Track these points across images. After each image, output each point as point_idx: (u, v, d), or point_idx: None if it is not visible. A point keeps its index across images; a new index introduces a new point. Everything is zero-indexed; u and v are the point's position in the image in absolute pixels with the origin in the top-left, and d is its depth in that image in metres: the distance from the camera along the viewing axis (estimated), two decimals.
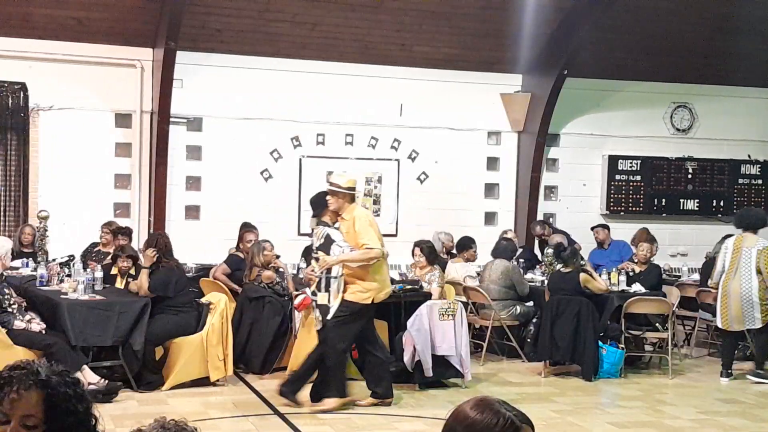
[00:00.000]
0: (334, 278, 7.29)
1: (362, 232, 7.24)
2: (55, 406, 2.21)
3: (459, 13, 11.93)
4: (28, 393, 2.19)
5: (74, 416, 2.25)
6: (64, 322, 7.65)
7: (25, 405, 2.19)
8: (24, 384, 2.20)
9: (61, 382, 2.24)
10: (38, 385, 2.20)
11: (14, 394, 2.19)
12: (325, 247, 7.33)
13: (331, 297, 7.29)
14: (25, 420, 2.18)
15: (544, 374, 9.16)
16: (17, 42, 10.89)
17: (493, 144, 13.17)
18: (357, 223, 7.27)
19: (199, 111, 11.78)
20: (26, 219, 10.94)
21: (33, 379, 2.21)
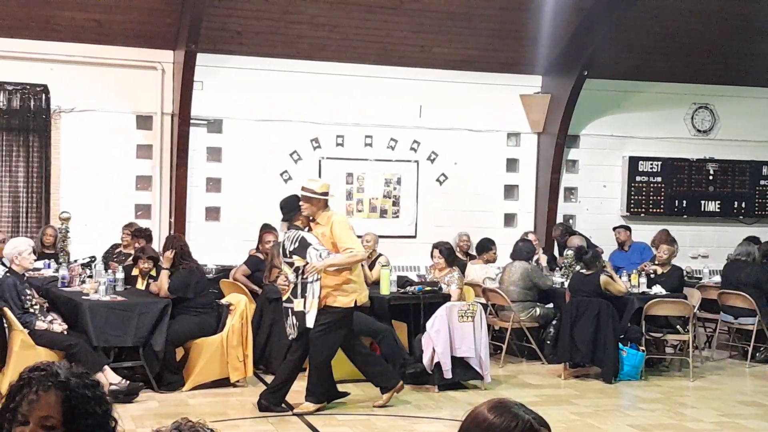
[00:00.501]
0: (309, 283, 7.17)
1: (343, 237, 7.19)
2: (73, 407, 2.22)
3: (478, 15, 11.91)
4: (46, 394, 2.20)
5: (93, 418, 2.25)
6: (85, 323, 7.70)
7: (44, 406, 2.20)
8: (43, 385, 2.21)
9: (80, 384, 2.25)
10: (57, 387, 2.21)
11: (33, 395, 2.20)
12: (301, 250, 7.17)
13: (307, 303, 7.17)
14: (44, 421, 2.19)
15: (564, 376, 9.13)
16: (39, 44, 10.97)
17: (512, 145, 13.14)
18: (336, 228, 7.20)
19: (219, 113, 11.83)
20: (48, 220, 11.02)
21: (52, 380, 2.22)
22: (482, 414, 2.15)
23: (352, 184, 12.43)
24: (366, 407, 7.64)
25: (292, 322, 7.26)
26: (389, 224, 12.49)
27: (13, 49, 10.90)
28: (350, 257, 7.19)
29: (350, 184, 12.42)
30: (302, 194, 7.29)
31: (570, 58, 12.42)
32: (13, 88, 11.00)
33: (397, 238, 12.34)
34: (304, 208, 7.29)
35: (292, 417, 7.26)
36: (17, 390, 2.24)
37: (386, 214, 12.57)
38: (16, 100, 11.02)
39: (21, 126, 11.07)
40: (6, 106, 10.98)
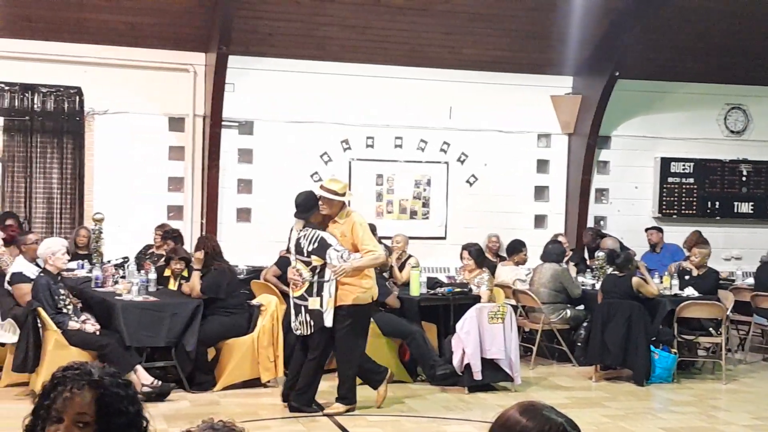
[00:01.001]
0: (326, 282, 7.15)
1: (365, 239, 7.17)
2: (106, 406, 2.25)
3: (508, 15, 11.89)
4: (81, 393, 2.24)
5: (125, 417, 2.28)
6: (118, 323, 7.78)
7: (78, 404, 2.23)
8: (77, 384, 2.25)
9: (113, 383, 2.28)
10: (91, 385, 2.25)
11: (67, 393, 2.24)
12: (320, 251, 7.10)
13: (324, 302, 7.15)
14: (78, 418, 2.22)
15: (595, 379, 9.09)
16: (72, 47, 11.10)
17: (543, 146, 13.10)
18: (358, 229, 7.18)
19: (250, 114, 11.90)
20: (81, 221, 11.15)
21: (86, 379, 2.26)
22: (514, 417, 2.14)
23: (382, 186, 12.45)
24: (396, 408, 7.65)
25: (305, 320, 7.22)
26: (419, 225, 12.49)
27: (47, 51, 11.03)
28: (373, 260, 7.19)
29: (380, 185, 12.45)
30: (322, 195, 7.22)
31: (601, 59, 12.36)
32: (47, 91, 11.13)
33: (427, 239, 12.34)
34: (324, 208, 7.24)
35: (322, 417, 7.28)
36: (51, 388, 2.27)
37: (416, 216, 12.58)
38: (50, 103, 11.16)
39: (55, 128, 11.20)
40: (40, 108, 11.12)
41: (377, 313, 8.65)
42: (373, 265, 7.31)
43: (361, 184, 12.31)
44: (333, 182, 7.41)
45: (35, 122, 11.12)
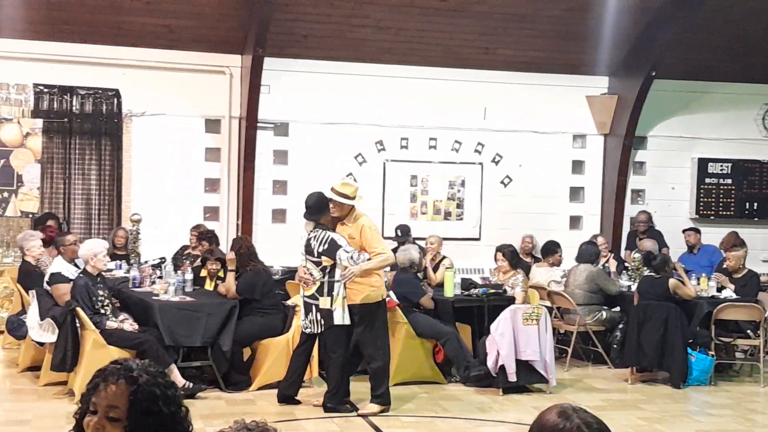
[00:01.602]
0: (337, 282, 7.19)
1: (374, 242, 7.25)
2: (139, 402, 2.27)
3: (543, 16, 11.84)
4: (115, 386, 2.28)
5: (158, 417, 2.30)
6: (155, 323, 7.86)
7: (111, 397, 2.27)
8: (114, 377, 2.30)
9: (150, 381, 2.31)
10: (126, 380, 2.29)
11: (103, 386, 2.29)
12: (330, 252, 7.14)
13: (334, 301, 7.19)
14: (109, 411, 2.26)
15: (631, 381, 9.03)
16: (111, 50, 11.23)
17: (578, 147, 13.04)
18: (367, 232, 7.25)
19: (286, 116, 11.97)
20: (119, 222, 11.27)
21: (124, 374, 2.30)
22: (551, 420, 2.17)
23: (416, 187, 12.47)
24: (430, 409, 7.65)
25: (316, 318, 7.27)
26: (453, 226, 12.49)
27: (86, 54, 11.17)
28: (382, 261, 7.27)
29: (414, 186, 12.46)
30: (333, 198, 7.29)
31: (637, 59, 12.27)
32: (86, 93, 11.28)
33: (461, 240, 12.33)
34: (334, 210, 7.30)
35: (357, 418, 7.31)
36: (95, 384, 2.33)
37: (450, 217, 12.58)
38: (88, 105, 11.30)
39: (93, 130, 11.34)
40: (79, 110, 11.26)
41: (411, 314, 8.68)
42: (382, 267, 7.39)
43: (396, 185, 12.34)
44: (345, 186, 7.46)
45: (74, 124, 11.26)
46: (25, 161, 11.17)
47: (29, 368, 8.62)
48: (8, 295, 10.69)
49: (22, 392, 7.97)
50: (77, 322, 7.67)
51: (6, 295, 10.83)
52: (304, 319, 7.41)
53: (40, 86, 11.12)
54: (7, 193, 11.12)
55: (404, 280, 8.95)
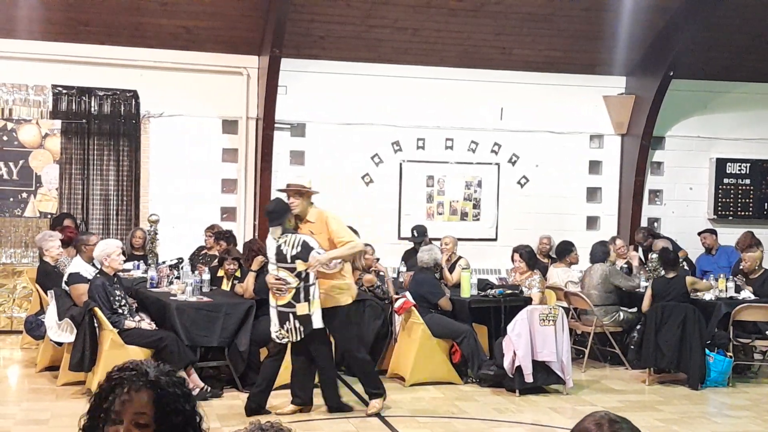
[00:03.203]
0: (311, 285, 7.08)
1: (340, 231, 7.21)
2: (164, 405, 2.29)
3: (560, 16, 11.82)
4: (138, 394, 2.28)
5: (182, 415, 2.32)
6: (173, 323, 7.89)
7: (137, 405, 2.27)
8: (135, 385, 2.29)
9: (169, 382, 2.32)
10: (148, 386, 2.29)
11: (125, 395, 2.28)
12: (303, 254, 7.04)
13: (311, 306, 7.07)
14: (137, 419, 2.27)
15: (648, 382, 8.99)
16: (129, 51, 11.29)
17: (595, 147, 13.00)
18: (332, 222, 7.22)
19: (303, 117, 12.00)
20: (137, 222, 11.33)
21: (143, 380, 2.30)
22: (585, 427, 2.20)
23: (433, 187, 12.47)
24: (447, 410, 7.65)
25: (294, 326, 7.10)
26: (470, 227, 12.48)
27: (104, 55, 11.24)
28: (351, 248, 7.22)
29: (431, 186, 12.46)
30: (294, 189, 7.27)
31: (655, 59, 12.23)
32: (104, 94, 11.34)
33: (478, 241, 12.33)
34: (295, 204, 7.23)
35: (373, 418, 7.32)
36: (109, 390, 2.31)
37: (467, 217, 12.57)
38: (107, 106, 11.36)
39: (112, 131, 11.41)
40: (97, 111, 11.33)
41: (428, 315, 8.68)
42: (352, 255, 7.36)
43: (412, 185, 12.35)
44: (300, 177, 7.53)
45: (92, 125, 11.33)
46: (43, 162, 11.24)
47: (47, 368, 8.68)
48: (27, 295, 10.77)
49: (41, 392, 8.02)
50: (95, 322, 7.71)
51: (25, 295, 10.91)
52: (279, 329, 7.17)
53: (59, 87, 11.19)
54: (26, 194, 11.20)
55: (424, 280, 8.94)
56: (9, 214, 11.14)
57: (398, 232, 12.17)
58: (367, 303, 9.05)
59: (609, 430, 2.16)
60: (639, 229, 12.20)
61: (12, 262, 11.15)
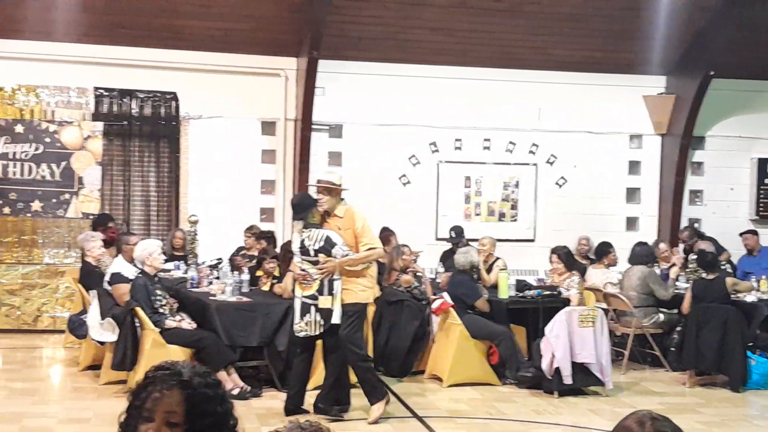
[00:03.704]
0: (336, 280, 7.09)
1: (365, 233, 7.18)
2: (195, 406, 2.30)
3: (598, 15, 11.75)
4: (170, 393, 2.30)
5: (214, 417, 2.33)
6: (213, 323, 7.96)
7: (168, 404, 2.29)
8: (167, 384, 2.31)
9: (202, 383, 2.33)
10: (180, 386, 2.30)
11: (157, 393, 2.30)
12: (326, 249, 7.07)
13: (334, 300, 7.09)
14: (168, 417, 2.29)
15: (689, 384, 8.91)
16: (169, 53, 11.41)
17: (635, 147, 12.91)
18: (359, 221, 7.20)
19: (340, 118, 12.04)
20: (177, 223, 11.45)
21: (176, 379, 2.32)
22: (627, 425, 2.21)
23: (470, 188, 12.45)
24: (485, 411, 7.64)
25: (314, 319, 7.12)
26: (507, 228, 12.45)
27: (145, 58, 11.37)
28: (368, 254, 7.18)
29: (468, 187, 12.44)
30: (323, 186, 7.27)
31: (695, 58, 12.11)
32: (144, 96, 11.47)
33: (515, 241, 12.29)
34: (324, 201, 7.23)
35: (412, 419, 7.33)
36: (143, 388, 2.34)
37: (504, 218, 12.54)
38: (147, 108, 11.49)
39: (152, 132, 11.54)
40: (138, 113, 11.46)
41: (466, 316, 8.67)
42: (368, 259, 7.25)
43: (449, 186, 12.34)
44: (330, 174, 7.54)
45: (133, 127, 11.47)
46: (85, 163, 11.39)
47: (90, 367, 8.79)
48: (69, 295, 10.92)
49: (83, 391, 8.13)
50: (137, 322, 7.80)
51: (67, 295, 11.07)
52: (299, 321, 7.19)
53: (101, 89, 11.34)
54: (69, 195, 11.35)
55: (461, 282, 8.94)
56: (51, 215, 11.30)
57: (435, 233, 12.17)
58: (404, 304, 9.07)
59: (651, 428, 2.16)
60: (685, 228, 12.09)
61: (55, 262, 11.31)
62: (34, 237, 11.29)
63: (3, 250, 11.21)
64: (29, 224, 11.29)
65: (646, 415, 2.21)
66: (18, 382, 8.37)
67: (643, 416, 2.20)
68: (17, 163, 11.17)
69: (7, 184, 11.16)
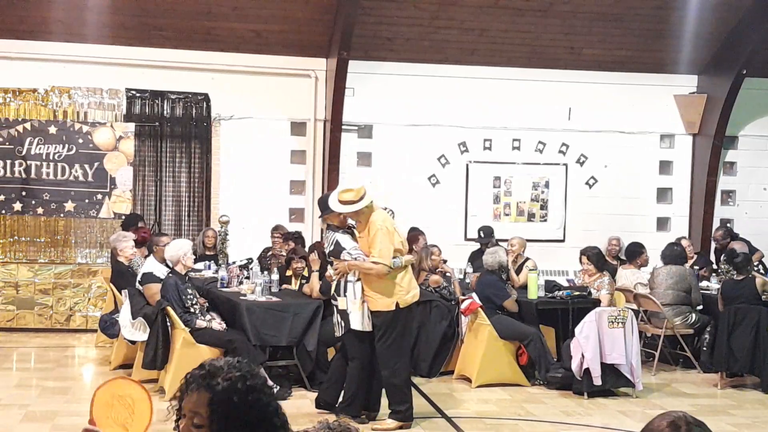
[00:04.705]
0: (350, 282, 7.01)
1: (375, 243, 6.87)
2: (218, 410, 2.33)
3: (629, 14, 11.68)
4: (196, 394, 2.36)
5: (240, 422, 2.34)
6: (243, 323, 8.01)
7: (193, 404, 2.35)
8: (196, 384, 2.37)
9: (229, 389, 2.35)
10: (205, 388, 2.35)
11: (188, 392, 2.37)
12: (335, 253, 7.04)
13: (349, 302, 7.01)
14: (193, 417, 2.35)
15: (720, 386, 8.83)
16: (201, 55, 11.51)
17: (666, 147, 12.81)
18: (371, 230, 6.90)
19: (370, 118, 12.07)
20: (208, 223, 11.53)
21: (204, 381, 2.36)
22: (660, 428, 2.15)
23: (500, 188, 12.42)
24: (514, 412, 7.63)
25: (338, 320, 7.13)
26: (537, 228, 12.41)
27: (177, 59, 11.47)
28: (369, 268, 6.87)
29: (497, 187, 12.42)
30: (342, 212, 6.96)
31: (727, 57, 12.00)
32: (176, 97, 11.57)
33: (545, 242, 12.25)
34: (352, 218, 7.09)
35: (440, 419, 7.33)
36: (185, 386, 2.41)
37: (534, 218, 12.50)
38: (179, 109, 11.59)
39: (184, 133, 11.64)
40: (170, 114, 11.56)
41: (494, 316, 8.66)
42: (368, 272, 6.90)
43: (479, 186, 12.33)
44: (345, 192, 7.00)
45: (165, 128, 11.58)
46: (118, 164, 11.51)
47: (121, 366, 8.88)
48: (101, 294, 11.04)
49: None
50: (168, 321, 7.86)
51: (99, 295, 11.19)
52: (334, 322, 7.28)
53: (133, 91, 11.45)
54: (101, 195, 11.47)
55: (489, 282, 8.93)
56: (84, 215, 11.43)
57: (464, 233, 12.16)
58: (433, 304, 9.07)
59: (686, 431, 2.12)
60: (718, 228, 11.99)
61: (87, 262, 11.44)
62: (67, 237, 11.44)
63: (36, 250, 11.36)
64: (62, 224, 11.42)
65: (681, 418, 2.15)
66: (51, 381, 8.48)
67: (677, 419, 2.15)
68: (50, 163, 11.31)
69: (41, 185, 11.31)
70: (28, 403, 7.52)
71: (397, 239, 7.02)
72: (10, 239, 11.32)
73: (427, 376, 8.87)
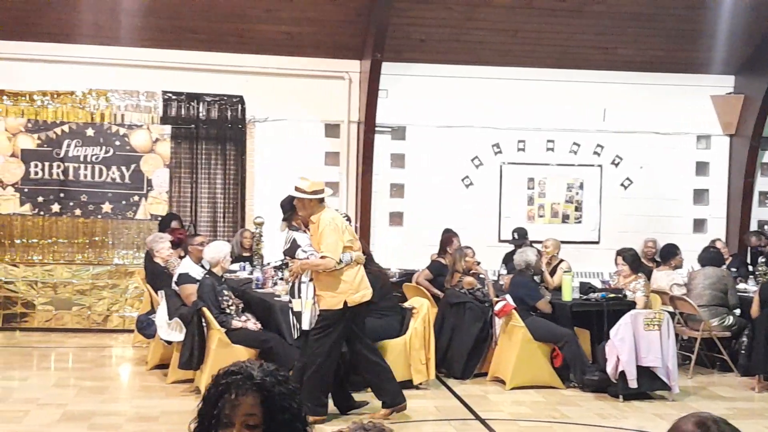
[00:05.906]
0: (303, 283, 7.01)
1: (322, 239, 6.87)
2: (271, 405, 2.37)
3: (664, 14, 11.59)
4: (246, 397, 2.36)
5: (289, 412, 2.40)
6: (277, 323, 8.05)
7: (246, 408, 2.36)
8: (242, 389, 2.37)
9: (274, 382, 2.39)
10: (255, 389, 2.37)
11: (234, 400, 2.36)
12: (291, 251, 7.09)
13: (303, 303, 7.02)
14: (247, 420, 2.35)
15: (758, 389, 8.73)
16: (235, 57, 11.59)
17: (702, 148, 12.70)
18: (320, 227, 6.89)
19: (403, 120, 12.09)
20: (243, 225, 11.61)
21: (249, 383, 2.38)
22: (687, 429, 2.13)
23: (534, 189, 12.38)
24: (548, 414, 7.60)
25: (293, 322, 7.17)
26: (571, 230, 12.35)
27: (211, 62, 11.56)
28: (318, 263, 6.88)
29: (531, 189, 12.38)
30: (294, 195, 7.04)
31: (764, 57, 11.87)
32: (211, 100, 11.67)
33: (580, 243, 12.19)
34: (299, 207, 7.07)
35: (474, 421, 7.32)
36: (218, 396, 2.40)
37: (568, 220, 12.44)
38: (214, 111, 11.69)
39: (219, 135, 11.73)
40: (205, 116, 11.66)
41: (529, 318, 8.63)
42: (317, 268, 6.92)
43: (512, 187, 12.30)
44: (302, 181, 7.02)
45: (200, 130, 11.68)
46: (154, 166, 11.62)
47: (158, 366, 8.96)
48: (138, 295, 11.15)
49: (151, 389, 8.29)
50: (203, 322, 7.93)
51: (136, 295, 11.30)
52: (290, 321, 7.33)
53: (169, 93, 11.57)
54: (138, 197, 11.60)
55: (521, 283, 8.90)
56: (121, 216, 11.56)
57: (498, 235, 12.14)
58: (467, 306, 9.06)
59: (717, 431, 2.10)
60: (751, 232, 11.85)
61: (124, 263, 11.57)
62: (104, 238, 11.57)
63: (74, 251, 11.51)
64: (100, 226, 11.56)
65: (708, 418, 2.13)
66: (88, 381, 8.58)
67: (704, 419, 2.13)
68: (88, 165, 11.46)
69: (78, 187, 11.45)
70: (66, 402, 7.62)
71: (346, 237, 7.03)
72: (48, 240, 11.47)
73: (460, 377, 8.86)
